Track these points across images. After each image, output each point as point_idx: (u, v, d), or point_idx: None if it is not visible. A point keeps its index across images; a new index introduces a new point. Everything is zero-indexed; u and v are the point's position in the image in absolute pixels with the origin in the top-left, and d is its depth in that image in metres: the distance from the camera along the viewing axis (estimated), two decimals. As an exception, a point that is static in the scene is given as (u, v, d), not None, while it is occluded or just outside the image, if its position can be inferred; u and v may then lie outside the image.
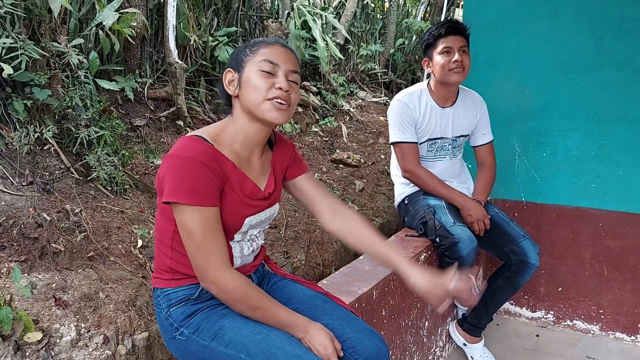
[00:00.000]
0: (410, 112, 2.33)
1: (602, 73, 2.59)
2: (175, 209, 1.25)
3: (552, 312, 2.91)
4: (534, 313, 2.95)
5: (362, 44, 5.73)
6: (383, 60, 6.11)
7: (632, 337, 2.72)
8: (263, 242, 1.50)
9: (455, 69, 2.25)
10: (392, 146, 2.43)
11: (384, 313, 1.86)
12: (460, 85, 2.42)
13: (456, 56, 2.24)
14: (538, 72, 2.74)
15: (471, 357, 2.51)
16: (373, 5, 6.00)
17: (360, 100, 5.53)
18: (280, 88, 1.29)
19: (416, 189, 2.45)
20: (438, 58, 2.28)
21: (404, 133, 2.34)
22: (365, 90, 5.79)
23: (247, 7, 4.37)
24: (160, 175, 1.27)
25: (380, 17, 6.34)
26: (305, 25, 4.67)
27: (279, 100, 1.29)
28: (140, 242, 2.61)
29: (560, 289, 2.87)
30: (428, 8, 6.94)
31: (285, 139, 1.54)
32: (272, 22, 4.13)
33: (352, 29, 5.66)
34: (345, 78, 5.47)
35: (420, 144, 2.39)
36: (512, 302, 3.00)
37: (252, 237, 1.43)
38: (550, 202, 2.83)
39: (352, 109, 5.18)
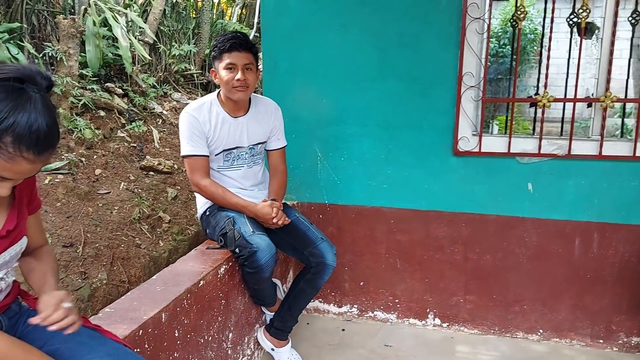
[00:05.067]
0: (199, 125, 2.28)
1: (387, 83, 2.82)
2: None
3: (356, 306, 3.10)
4: (340, 308, 3.13)
5: (174, 43, 5.53)
6: (199, 60, 5.97)
7: (423, 322, 3.02)
8: (14, 278, 1.32)
9: (238, 87, 2.25)
10: (184, 159, 2.37)
11: (177, 334, 1.78)
12: (252, 94, 2.43)
13: (239, 74, 2.24)
14: (333, 82, 2.88)
15: (279, 360, 2.56)
16: (184, 4, 5.82)
17: (174, 102, 5.33)
18: None
19: (218, 199, 2.41)
20: (222, 73, 2.26)
21: (194, 146, 2.28)
22: (180, 92, 5.60)
23: (35, 0, 3.91)
24: None
25: (194, 16, 6.18)
26: (107, 23, 4.34)
27: None
28: None
29: (362, 283, 3.07)
30: (244, 10, 6.96)
31: None
32: (64, 19, 3.74)
33: (162, 28, 5.42)
34: (157, 79, 5.23)
35: (216, 155, 2.36)
36: (321, 299, 3.14)
37: None
38: (350, 203, 3.01)
39: (165, 112, 4.96)
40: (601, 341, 2.79)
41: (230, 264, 2.25)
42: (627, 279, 2.70)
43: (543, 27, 2.96)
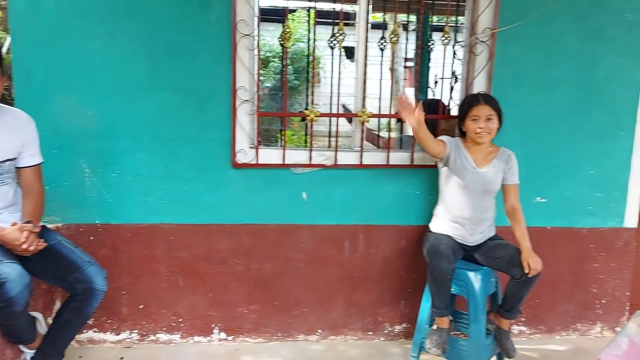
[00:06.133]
0: None
1: (160, 95, 2.73)
2: None
3: (136, 331, 2.91)
4: (118, 336, 2.90)
5: None
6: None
7: (208, 338, 2.97)
8: None
9: None
10: None
11: None
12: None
13: None
14: (100, 92, 2.69)
15: (42, 403, 2.26)
16: None
17: None
18: None
19: (-47, 226, 2.05)
20: None
21: None
22: None
23: None
24: None
25: None
26: None
27: None
28: None
29: (141, 306, 2.90)
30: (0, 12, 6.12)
31: None
32: None
33: None
34: None
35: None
36: (95, 329, 2.88)
37: None
38: (125, 221, 2.82)
39: None
40: (370, 333, 3.08)
41: (-30, 300, 1.92)
42: (388, 274, 3.04)
43: (308, 47, 3.18)
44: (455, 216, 2.64)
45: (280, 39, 2.86)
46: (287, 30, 2.81)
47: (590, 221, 3.09)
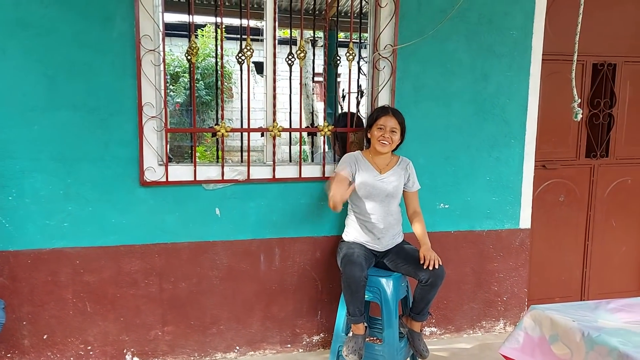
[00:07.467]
0: None
1: (60, 113, 2.61)
2: None
3: (40, 364, 2.74)
4: (19, 371, 2.72)
5: None
6: None
7: (120, 364, 2.85)
8: None
9: None
10: None
11: None
12: None
13: None
14: (-8, 111, 2.53)
15: None
16: None
17: None
18: None
19: None
20: None
21: None
22: None
23: None
24: None
25: None
26: None
27: None
28: None
29: (45, 336, 2.74)
30: None
31: None
32: None
33: None
34: None
35: None
36: (-7, 366, 2.68)
37: None
38: (24, 247, 2.66)
39: None
40: (289, 345, 3.10)
41: None
42: (305, 285, 3.08)
43: (215, 63, 3.18)
44: (365, 222, 2.73)
45: (186, 54, 2.84)
46: (194, 45, 2.79)
47: (489, 224, 3.31)
